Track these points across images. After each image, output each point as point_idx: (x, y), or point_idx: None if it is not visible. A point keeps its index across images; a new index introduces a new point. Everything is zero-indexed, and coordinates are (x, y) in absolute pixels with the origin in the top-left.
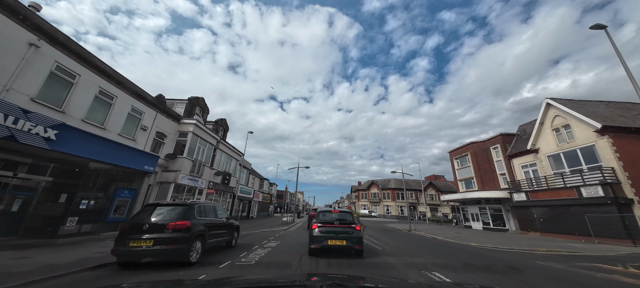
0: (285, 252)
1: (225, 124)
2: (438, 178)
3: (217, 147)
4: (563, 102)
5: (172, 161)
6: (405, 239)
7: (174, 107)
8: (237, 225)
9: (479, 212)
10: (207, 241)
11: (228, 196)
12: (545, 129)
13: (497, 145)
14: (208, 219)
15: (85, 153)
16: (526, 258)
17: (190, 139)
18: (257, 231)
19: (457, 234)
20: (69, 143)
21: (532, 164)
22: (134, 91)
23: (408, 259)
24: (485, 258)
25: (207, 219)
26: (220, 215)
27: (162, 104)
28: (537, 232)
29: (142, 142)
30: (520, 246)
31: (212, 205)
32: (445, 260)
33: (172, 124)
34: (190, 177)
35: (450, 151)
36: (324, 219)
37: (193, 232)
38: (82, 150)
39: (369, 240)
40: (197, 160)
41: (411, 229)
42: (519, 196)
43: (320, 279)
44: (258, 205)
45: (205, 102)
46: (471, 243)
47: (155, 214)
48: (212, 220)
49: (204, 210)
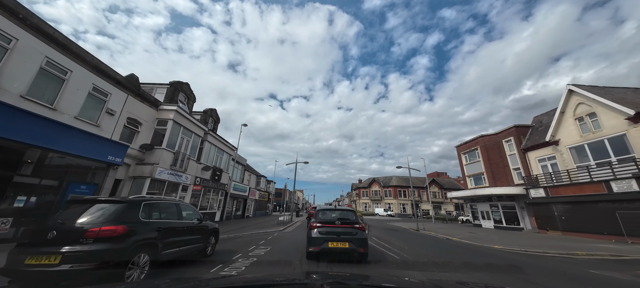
0: (275, 264)
1: (215, 115)
2: (440, 175)
3: (205, 139)
4: (587, 88)
5: (149, 153)
6: (419, 241)
7: (153, 92)
8: (214, 229)
9: (490, 209)
10: (162, 252)
11: (219, 194)
12: (567, 119)
13: (510, 138)
14: (165, 222)
15: (23, 137)
16: (573, 266)
17: (171, 127)
18: (247, 233)
19: (471, 234)
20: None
21: (550, 157)
22: (95, 67)
23: (441, 274)
24: (531, 268)
25: (163, 222)
26: (188, 216)
27: (134, 86)
28: (557, 231)
29: (108, 128)
30: (553, 248)
31: (173, 203)
32: (489, 273)
33: (149, 110)
34: (171, 172)
35: (458, 145)
36: (323, 218)
37: (133, 241)
38: (19, 134)
39: (378, 242)
40: (180, 152)
41: (419, 229)
42: (536, 192)
43: (320, 277)
44: (254, 203)
45: (191, 88)
46: (494, 246)
47: (75, 214)
48: (171, 222)
49: (159, 208)
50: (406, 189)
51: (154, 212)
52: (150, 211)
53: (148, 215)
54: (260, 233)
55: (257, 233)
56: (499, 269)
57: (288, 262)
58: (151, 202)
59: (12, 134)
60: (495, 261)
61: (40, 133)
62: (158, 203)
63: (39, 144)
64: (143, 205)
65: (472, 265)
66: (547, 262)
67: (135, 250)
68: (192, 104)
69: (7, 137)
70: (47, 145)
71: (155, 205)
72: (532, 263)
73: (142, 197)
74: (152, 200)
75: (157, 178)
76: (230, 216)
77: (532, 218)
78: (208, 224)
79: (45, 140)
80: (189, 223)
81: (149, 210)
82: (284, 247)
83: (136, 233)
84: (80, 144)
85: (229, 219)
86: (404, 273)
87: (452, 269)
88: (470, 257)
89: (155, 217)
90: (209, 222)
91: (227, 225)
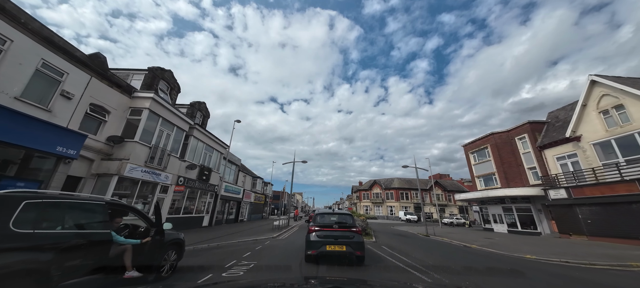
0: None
1: (204, 109)
2: (443, 177)
3: (191, 134)
4: (611, 78)
5: (118, 146)
6: (436, 250)
7: (129, 79)
8: (174, 240)
9: (503, 212)
10: (62, 282)
11: (208, 195)
12: (589, 112)
13: (524, 135)
14: (69, 234)
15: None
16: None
17: (146, 117)
18: (233, 241)
19: (488, 240)
20: None
21: (571, 155)
22: (46, 38)
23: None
24: (593, 285)
25: (65, 235)
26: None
27: (100, 66)
28: (582, 235)
29: (63, 115)
30: (597, 258)
31: (93, 203)
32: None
33: (120, 97)
34: (146, 169)
35: (465, 144)
36: (322, 222)
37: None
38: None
39: (390, 253)
40: (158, 147)
41: (429, 233)
42: (556, 193)
43: (319, 282)
44: (250, 206)
45: (174, 76)
46: (525, 256)
47: None
48: (86, 234)
49: (60, 212)
50: (408, 191)
51: (50, 219)
52: (39, 216)
53: (34, 222)
54: (248, 241)
55: (244, 242)
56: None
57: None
58: (44, 199)
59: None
60: (550, 279)
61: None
62: (61, 202)
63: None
64: (23, 204)
65: (504, 283)
66: (606, 278)
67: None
68: (175, 95)
69: None
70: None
71: (54, 206)
72: (585, 279)
73: (20, 193)
74: (44, 198)
75: (128, 176)
76: (222, 220)
77: (552, 221)
78: (164, 235)
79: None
80: (111, 236)
81: (37, 215)
82: (273, 261)
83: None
84: (20, 130)
85: (220, 224)
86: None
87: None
88: (511, 275)
89: (51, 226)
90: (170, 232)
91: (214, 230)
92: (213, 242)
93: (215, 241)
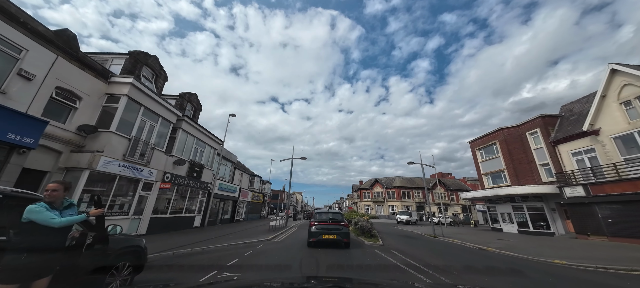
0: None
1: (195, 101)
2: (445, 176)
3: (179, 127)
4: (633, 66)
5: (92, 137)
6: (449, 254)
7: (108, 64)
8: (130, 248)
9: (513, 211)
10: None
11: (200, 194)
12: (609, 104)
13: (535, 130)
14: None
15: None
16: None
17: (125, 105)
18: (222, 245)
19: (502, 241)
20: None
21: (588, 150)
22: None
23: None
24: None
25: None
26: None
27: (69, 45)
28: (602, 236)
29: (23, 98)
30: (636, 263)
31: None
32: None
33: (94, 82)
34: (125, 163)
35: (472, 140)
36: (320, 218)
37: None
38: None
39: (402, 259)
40: (139, 139)
41: (437, 235)
42: (572, 191)
43: (320, 281)
44: (247, 205)
45: (160, 63)
46: (554, 261)
47: None
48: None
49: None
50: (410, 190)
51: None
52: None
53: None
54: (239, 245)
55: (234, 246)
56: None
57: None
58: None
59: None
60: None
61: None
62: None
63: None
64: None
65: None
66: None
67: None
68: (161, 83)
69: None
70: None
71: None
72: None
73: None
74: None
75: (102, 171)
76: (216, 220)
77: (567, 221)
78: (126, 240)
79: None
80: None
81: None
82: (264, 273)
83: None
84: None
85: (214, 224)
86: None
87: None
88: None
89: None
90: (124, 236)
91: (205, 232)
92: (198, 246)
93: (202, 244)
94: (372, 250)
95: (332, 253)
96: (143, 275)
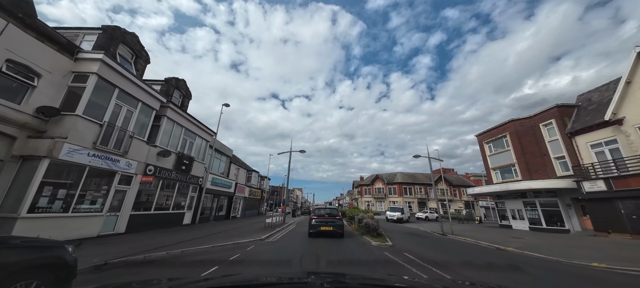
0: None
1: (184, 87)
2: (447, 171)
3: (164, 115)
4: None
5: (54, 121)
6: (467, 255)
7: (78, 40)
8: (45, 259)
9: (524, 207)
10: None
11: (190, 189)
12: (635, 91)
13: (550, 121)
14: None
15: None
16: None
17: (94, 85)
18: (207, 246)
19: (518, 240)
20: None
21: (609, 141)
22: None
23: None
24: None
25: None
26: None
27: (23, 10)
28: (624, 233)
29: None
30: None
31: None
32: None
33: (58, 58)
34: (97, 153)
35: (479, 134)
36: (318, 213)
37: None
38: None
39: (422, 264)
40: (114, 126)
41: (446, 232)
42: (592, 185)
43: (321, 276)
44: (244, 201)
45: (141, 43)
46: (591, 264)
47: None
48: None
49: None
50: (412, 186)
51: None
52: None
53: None
54: (227, 246)
55: (221, 248)
56: None
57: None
58: None
59: None
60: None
61: None
62: None
63: None
64: None
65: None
66: None
67: None
68: (143, 65)
69: None
70: None
71: None
72: None
73: None
74: None
75: (66, 160)
76: (209, 217)
77: (584, 217)
78: (36, 247)
79: None
80: None
81: None
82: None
83: None
84: None
85: (207, 221)
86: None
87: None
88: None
89: None
90: (38, 242)
91: (195, 230)
92: (178, 248)
93: (183, 246)
94: (381, 252)
95: (336, 259)
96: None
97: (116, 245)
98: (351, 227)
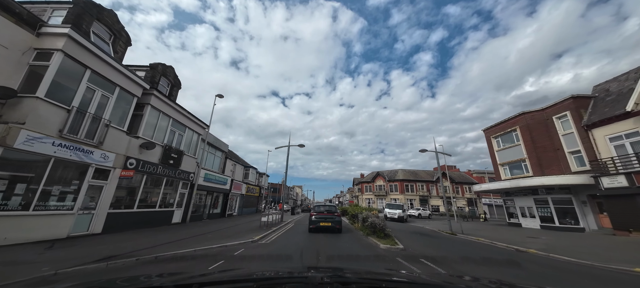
0: None
1: (172, 75)
2: (450, 168)
3: (147, 103)
4: None
5: (11, 104)
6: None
7: (46, 16)
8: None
9: (534, 204)
10: None
11: (180, 185)
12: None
13: (564, 113)
14: None
15: None
16: None
17: (59, 63)
18: (189, 250)
19: (534, 239)
20: None
21: (631, 133)
22: None
23: None
24: None
25: None
26: None
27: None
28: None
29: None
30: None
31: None
32: None
33: (16, 31)
34: (64, 143)
35: (486, 128)
36: (318, 210)
37: None
38: None
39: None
40: (86, 113)
41: (455, 232)
42: (611, 181)
43: (320, 270)
44: (241, 199)
45: (120, 21)
46: (634, 269)
47: None
48: None
49: None
50: (414, 183)
51: None
52: None
53: None
54: (213, 249)
55: (205, 251)
56: None
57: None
58: None
59: None
60: None
61: None
62: None
63: None
64: None
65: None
66: None
67: None
68: (123, 47)
69: None
70: None
71: None
72: None
73: None
74: None
75: (24, 149)
76: (202, 215)
77: (601, 215)
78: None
79: None
80: None
81: None
82: None
83: None
84: None
85: (200, 219)
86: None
87: None
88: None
89: None
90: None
91: (183, 229)
92: (154, 252)
93: (163, 249)
94: (394, 258)
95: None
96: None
97: (85, 247)
98: (354, 226)
